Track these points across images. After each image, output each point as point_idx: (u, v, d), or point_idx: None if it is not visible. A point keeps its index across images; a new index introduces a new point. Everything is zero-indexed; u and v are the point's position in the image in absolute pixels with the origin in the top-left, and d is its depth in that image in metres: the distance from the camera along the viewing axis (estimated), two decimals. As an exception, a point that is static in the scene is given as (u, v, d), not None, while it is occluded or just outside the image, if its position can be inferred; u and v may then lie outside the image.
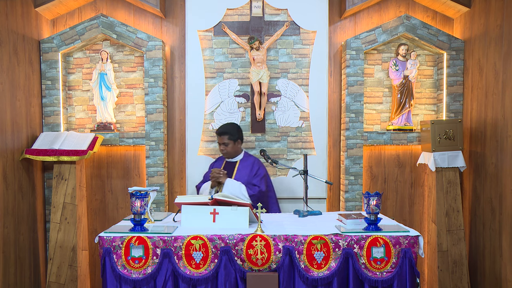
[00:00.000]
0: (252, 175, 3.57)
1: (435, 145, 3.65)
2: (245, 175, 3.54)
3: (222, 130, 3.55)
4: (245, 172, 3.56)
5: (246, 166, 3.59)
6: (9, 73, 3.36)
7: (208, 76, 4.00)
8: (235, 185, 3.43)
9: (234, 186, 3.43)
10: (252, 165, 3.61)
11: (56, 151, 3.54)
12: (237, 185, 3.44)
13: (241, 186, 3.45)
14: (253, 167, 3.60)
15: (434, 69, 4.06)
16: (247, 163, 3.62)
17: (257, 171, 3.60)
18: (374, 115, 4.07)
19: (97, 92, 3.92)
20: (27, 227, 3.58)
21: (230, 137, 3.54)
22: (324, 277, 2.48)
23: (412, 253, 2.50)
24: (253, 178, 3.55)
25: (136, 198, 2.52)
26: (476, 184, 3.68)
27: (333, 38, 4.10)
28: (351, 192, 3.95)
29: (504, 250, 3.21)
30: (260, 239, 2.48)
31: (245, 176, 3.53)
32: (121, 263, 2.46)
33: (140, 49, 3.90)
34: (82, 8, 4.04)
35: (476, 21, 3.66)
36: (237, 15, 3.99)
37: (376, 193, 2.57)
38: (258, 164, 3.65)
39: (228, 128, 3.56)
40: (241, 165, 3.60)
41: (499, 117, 3.29)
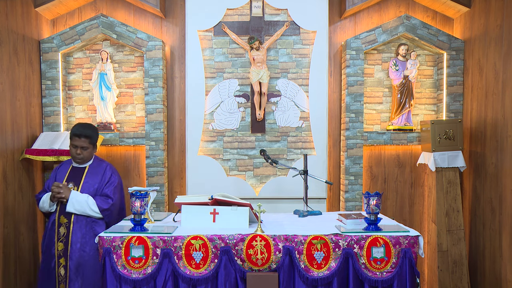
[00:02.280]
0: (104, 183, 3.10)
1: (435, 145, 3.65)
2: (95, 183, 3.07)
3: (82, 131, 3.04)
4: (96, 179, 3.09)
5: (96, 172, 3.11)
6: (9, 73, 3.36)
7: (208, 76, 4.00)
8: (81, 201, 2.96)
9: (80, 201, 2.96)
10: (104, 171, 3.13)
11: (56, 151, 3.54)
12: (83, 200, 2.97)
13: (88, 199, 2.98)
14: (105, 174, 3.13)
15: (434, 69, 4.06)
16: (98, 169, 3.13)
17: (109, 178, 3.12)
18: (374, 115, 4.07)
19: (97, 92, 3.92)
20: (27, 227, 3.58)
21: (90, 141, 3.07)
22: (324, 277, 2.48)
23: (412, 253, 2.50)
24: (105, 187, 3.09)
25: (136, 198, 2.52)
26: (476, 184, 3.68)
27: (333, 38, 4.10)
28: (351, 192, 3.94)
29: (504, 250, 3.21)
30: (260, 239, 2.48)
31: (94, 183, 3.07)
32: (121, 263, 2.46)
33: (140, 49, 3.90)
34: (82, 8, 4.04)
35: (476, 21, 3.66)
36: (237, 15, 3.99)
37: (376, 193, 2.57)
38: (111, 170, 3.16)
39: (89, 130, 3.07)
40: (90, 171, 3.11)
41: (499, 117, 3.29)
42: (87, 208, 2.97)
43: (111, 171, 3.15)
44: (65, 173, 3.11)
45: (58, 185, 2.96)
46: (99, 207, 2.99)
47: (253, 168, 4.01)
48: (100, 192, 3.07)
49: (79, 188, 3.04)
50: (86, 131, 3.05)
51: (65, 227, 2.99)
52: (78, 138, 3.02)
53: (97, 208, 2.99)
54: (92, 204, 2.98)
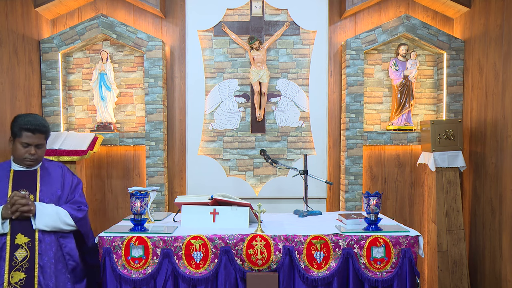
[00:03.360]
0: (70, 188, 2.55)
1: (435, 145, 3.65)
2: (55, 189, 2.48)
3: (37, 125, 2.40)
4: (55, 185, 2.49)
5: (52, 176, 2.51)
6: (9, 73, 3.36)
7: (208, 76, 4.00)
8: (51, 213, 2.38)
9: (51, 214, 2.37)
10: (63, 173, 2.57)
11: (56, 151, 3.53)
12: (53, 213, 2.39)
13: (58, 210, 2.41)
14: (66, 176, 2.56)
15: (434, 69, 4.06)
16: (54, 172, 2.53)
17: (72, 181, 2.58)
18: (374, 115, 4.07)
19: (97, 92, 3.92)
20: (27, 227, 3.57)
21: (45, 136, 2.48)
22: (324, 277, 2.48)
23: (412, 253, 2.50)
24: (71, 193, 2.56)
25: (136, 198, 2.52)
26: (476, 184, 3.68)
27: (333, 38, 4.10)
28: (351, 192, 3.94)
29: (504, 250, 3.21)
30: (260, 239, 2.48)
31: (56, 190, 2.48)
32: (121, 263, 2.46)
33: (140, 49, 3.90)
34: (82, 8, 4.04)
35: (476, 21, 3.66)
36: (237, 15, 3.99)
37: (376, 193, 2.57)
38: (69, 171, 2.63)
39: (44, 122, 2.46)
40: (43, 175, 2.48)
41: (499, 117, 3.29)
42: (59, 222, 2.39)
43: (70, 172, 2.61)
44: (6, 179, 2.39)
45: (22, 196, 2.29)
46: (73, 217, 2.44)
47: (253, 168, 4.01)
48: (65, 200, 2.51)
49: (36, 198, 2.40)
50: (43, 124, 2.42)
51: (27, 249, 2.29)
52: (32, 134, 2.36)
53: (71, 219, 2.43)
54: (64, 216, 2.41)
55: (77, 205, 2.52)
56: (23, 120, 2.37)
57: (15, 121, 2.40)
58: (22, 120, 2.37)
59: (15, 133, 2.38)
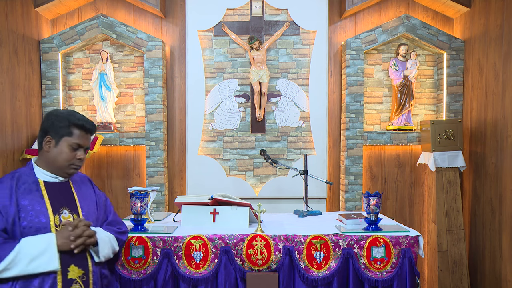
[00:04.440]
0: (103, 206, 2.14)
1: (435, 145, 3.65)
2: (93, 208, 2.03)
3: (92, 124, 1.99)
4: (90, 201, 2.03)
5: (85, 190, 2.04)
6: (9, 73, 3.36)
7: (208, 76, 4.00)
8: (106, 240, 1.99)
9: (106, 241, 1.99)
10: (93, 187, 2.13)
11: (56, 151, 3.53)
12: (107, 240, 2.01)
13: (110, 237, 2.03)
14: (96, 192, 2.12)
15: (434, 69, 4.06)
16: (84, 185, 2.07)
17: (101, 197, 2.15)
18: (374, 115, 4.07)
19: (97, 92, 3.93)
20: (27, 227, 3.57)
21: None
22: (324, 277, 2.48)
23: (412, 253, 2.50)
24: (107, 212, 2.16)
25: (136, 198, 2.52)
26: (476, 184, 3.68)
27: (333, 38, 4.10)
28: (351, 192, 3.94)
29: (504, 250, 3.21)
30: (260, 239, 2.48)
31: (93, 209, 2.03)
32: (121, 263, 2.46)
33: (140, 49, 3.90)
34: (82, 8, 4.04)
35: (476, 21, 3.66)
36: (237, 15, 3.99)
37: (376, 193, 2.57)
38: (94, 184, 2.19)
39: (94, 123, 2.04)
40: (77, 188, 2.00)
41: (499, 117, 3.29)
42: (111, 250, 2.03)
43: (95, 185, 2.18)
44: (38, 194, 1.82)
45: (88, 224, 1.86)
46: (119, 242, 2.09)
47: (253, 168, 4.01)
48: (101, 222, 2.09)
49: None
50: (94, 123, 2.02)
51: (81, 284, 1.86)
52: (85, 134, 1.94)
53: (117, 245, 2.08)
54: (114, 242, 2.04)
55: (117, 227, 2.14)
56: (74, 116, 1.89)
57: (61, 116, 1.87)
58: (73, 116, 1.88)
59: (61, 132, 1.86)
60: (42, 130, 1.88)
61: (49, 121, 1.88)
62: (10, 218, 1.73)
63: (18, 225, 1.74)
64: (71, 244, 1.78)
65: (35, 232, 1.75)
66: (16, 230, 1.74)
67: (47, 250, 1.72)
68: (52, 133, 1.87)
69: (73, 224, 1.81)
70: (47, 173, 1.88)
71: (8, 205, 1.74)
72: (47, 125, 1.87)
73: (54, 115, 1.90)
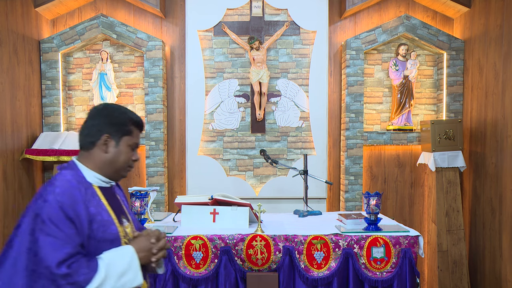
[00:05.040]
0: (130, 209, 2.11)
1: (435, 145, 3.65)
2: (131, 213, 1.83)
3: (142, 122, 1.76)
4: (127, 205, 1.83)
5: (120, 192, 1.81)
6: (9, 73, 3.36)
7: (208, 76, 4.00)
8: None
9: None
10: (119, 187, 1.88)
11: (56, 151, 3.54)
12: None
13: None
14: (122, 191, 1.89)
15: (434, 69, 4.06)
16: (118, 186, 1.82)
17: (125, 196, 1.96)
18: (374, 115, 4.07)
19: (97, 92, 3.92)
20: (27, 227, 3.57)
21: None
22: (324, 277, 2.48)
23: (412, 253, 2.50)
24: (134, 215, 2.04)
25: (136, 198, 2.52)
26: (476, 184, 3.67)
27: (333, 38, 4.10)
28: (351, 192, 3.94)
29: (504, 250, 3.21)
30: (260, 239, 2.48)
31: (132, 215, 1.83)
32: (121, 263, 2.46)
33: (140, 49, 3.90)
34: (82, 8, 4.04)
35: (476, 21, 3.66)
36: (237, 15, 3.99)
37: (376, 193, 2.57)
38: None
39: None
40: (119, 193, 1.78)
41: (499, 117, 3.29)
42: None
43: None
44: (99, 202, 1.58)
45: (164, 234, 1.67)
46: None
47: (253, 168, 4.01)
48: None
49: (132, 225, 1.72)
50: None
51: None
52: (140, 132, 1.73)
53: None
54: None
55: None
56: (131, 112, 1.66)
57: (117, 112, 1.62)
58: (130, 112, 1.66)
59: (121, 130, 1.61)
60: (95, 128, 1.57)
61: (105, 118, 1.59)
62: (85, 231, 1.47)
63: (93, 237, 1.49)
64: (152, 257, 1.58)
65: (109, 245, 1.53)
66: (92, 244, 1.49)
67: (131, 265, 1.51)
68: (111, 131, 1.59)
69: (155, 235, 1.60)
70: (100, 177, 1.60)
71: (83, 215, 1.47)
72: (102, 122, 1.58)
73: (109, 110, 1.61)
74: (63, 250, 1.39)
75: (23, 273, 1.39)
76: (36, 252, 1.38)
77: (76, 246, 1.42)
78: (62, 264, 1.38)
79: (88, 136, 1.58)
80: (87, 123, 1.59)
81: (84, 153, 1.59)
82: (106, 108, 1.62)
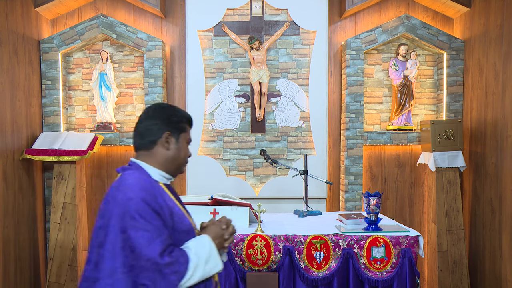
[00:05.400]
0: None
1: (435, 145, 3.65)
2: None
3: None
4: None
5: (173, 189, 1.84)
6: (9, 73, 3.36)
7: (208, 76, 4.00)
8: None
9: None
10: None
11: (56, 151, 3.54)
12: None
13: None
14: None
15: (434, 69, 4.06)
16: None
17: None
18: (374, 115, 4.07)
19: (97, 92, 3.92)
20: (27, 227, 3.58)
21: None
22: (324, 277, 2.48)
23: (412, 253, 2.50)
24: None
25: (136, 198, 2.52)
26: (476, 184, 3.67)
27: (333, 38, 4.10)
28: (351, 192, 3.94)
29: (504, 250, 3.21)
30: (260, 239, 2.48)
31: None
32: (121, 263, 2.46)
33: (140, 49, 3.90)
34: (82, 8, 4.04)
35: (476, 21, 3.66)
36: (237, 15, 3.99)
37: (376, 193, 2.57)
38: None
39: None
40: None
41: (499, 117, 3.29)
42: None
43: None
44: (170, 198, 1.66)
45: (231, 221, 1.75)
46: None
47: (253, 168, 4.01)
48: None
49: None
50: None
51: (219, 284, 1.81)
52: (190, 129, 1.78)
53: None
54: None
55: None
56: (183, 111, 1.74)
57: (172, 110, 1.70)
58: (183, 111, 1.74)
59: (179, 127, 1.68)
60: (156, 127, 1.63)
61: (164, 117, 1.65)
62: (169, 222, 1.54)
63: (175, 229, 1.57)
64: (224, 243, 1.67)
65: (186, 236, 1.60)
66: (175, 236, 1.56)
67: (211, 252, 1.60)
68: (171, 129, 1.65)
69: (225, 222, 1.69)
70: (163, 173, 1.66)
71: (164, 207, 1.53)
72: (162, 121, 1.64)
73: (165, 109, 1.68)
74: (158, 241, 1.46)
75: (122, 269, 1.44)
76: (133, 248, 1.44)
77: (167, 237, 1.50)
78: (163, 254, 1.45)
79: (148, 136, 1.64)
80: (143, 123, 1.64)
81: (144, 153, 1.66)
82: (162, 108, 1.68)
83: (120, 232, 1.45)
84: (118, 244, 1.44)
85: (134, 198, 1.47)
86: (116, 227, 1.45)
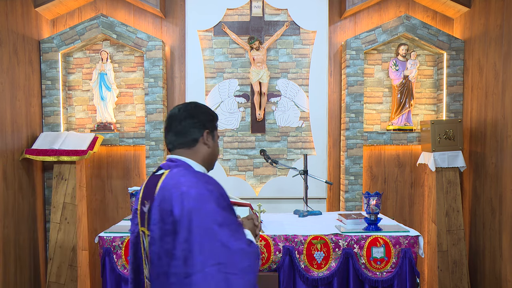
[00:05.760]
0: None
1: (435, 145, 3.65)
2: None
3: None
4: None
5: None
6: (9, 73, 3.36)
7: (208, 76, 4.00)
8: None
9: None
10: None
11: (56, 151, 3.54)
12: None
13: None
14: None
15: (434, 69, 4.06)
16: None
17: None
18: (374, 115, 4.07)
19: (97, 92, 3.92)
20: (27, 227, 3.58)
21: None
22: (324, 277, 2.48)
23: (412, 253, 2.50)
24: None
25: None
26: (476, 184, 3.67)
27: (333, 38, 4.10)
28: (351, 192, 3.94)
29: (504, 250, 3.21)
30: (260, 239, 2.48)
31: None
32: (121, 263, 2.46)
33: (140, 49, 3.90)
34: (82, 8, 4.04)
35: (476, 21, 3.66)
36: (237, 15, 3.99)
37: (376, 193, 2.58)
38: None
39: None
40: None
41: (499, 117, 3.29)
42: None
43: None
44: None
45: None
46: None
47: (253, 168, 4.01)
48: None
49: None
50: None
51: None
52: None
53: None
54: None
55: None
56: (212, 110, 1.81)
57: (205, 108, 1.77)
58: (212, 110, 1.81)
59: (213, 125, 1.76)
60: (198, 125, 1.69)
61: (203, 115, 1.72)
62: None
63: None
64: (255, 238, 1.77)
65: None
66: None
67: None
68: (209, 127, 1.73)
69: (256, 219, 1.79)
70: (204, 170, 1.73)
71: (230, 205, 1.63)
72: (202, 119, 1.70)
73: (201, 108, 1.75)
74: (242, 232, 1.53)
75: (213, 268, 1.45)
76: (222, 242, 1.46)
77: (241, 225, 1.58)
78: (251, 242, 1.53)
79: (190, 134, 1.68)
80: (183, 123, 1.67)
81: (185, 151, 1.68)
82: (199, 107, 1.74)
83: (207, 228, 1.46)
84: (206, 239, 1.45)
85: (212, 191, 1.50)
86: (201, 227, 1.46)
